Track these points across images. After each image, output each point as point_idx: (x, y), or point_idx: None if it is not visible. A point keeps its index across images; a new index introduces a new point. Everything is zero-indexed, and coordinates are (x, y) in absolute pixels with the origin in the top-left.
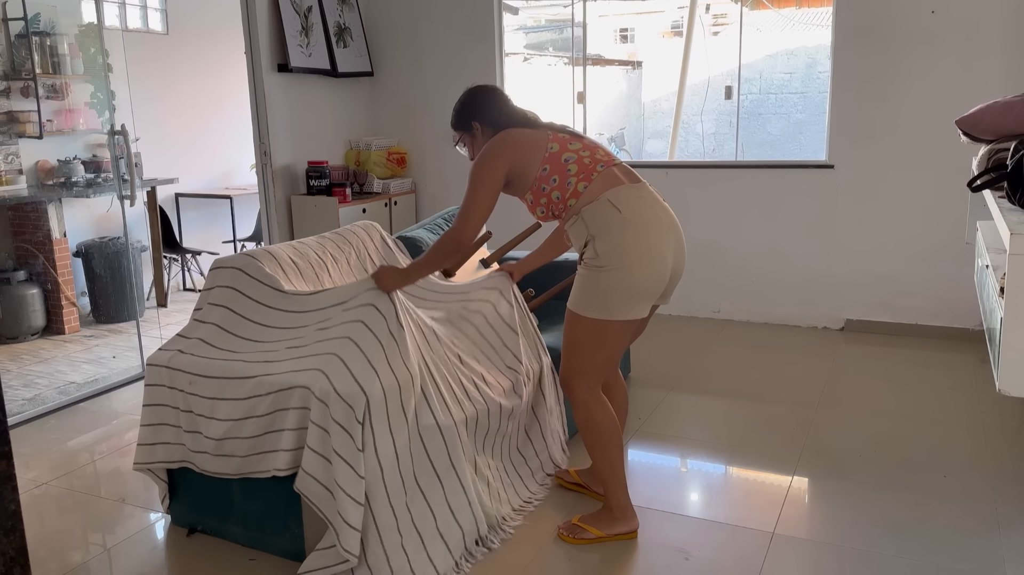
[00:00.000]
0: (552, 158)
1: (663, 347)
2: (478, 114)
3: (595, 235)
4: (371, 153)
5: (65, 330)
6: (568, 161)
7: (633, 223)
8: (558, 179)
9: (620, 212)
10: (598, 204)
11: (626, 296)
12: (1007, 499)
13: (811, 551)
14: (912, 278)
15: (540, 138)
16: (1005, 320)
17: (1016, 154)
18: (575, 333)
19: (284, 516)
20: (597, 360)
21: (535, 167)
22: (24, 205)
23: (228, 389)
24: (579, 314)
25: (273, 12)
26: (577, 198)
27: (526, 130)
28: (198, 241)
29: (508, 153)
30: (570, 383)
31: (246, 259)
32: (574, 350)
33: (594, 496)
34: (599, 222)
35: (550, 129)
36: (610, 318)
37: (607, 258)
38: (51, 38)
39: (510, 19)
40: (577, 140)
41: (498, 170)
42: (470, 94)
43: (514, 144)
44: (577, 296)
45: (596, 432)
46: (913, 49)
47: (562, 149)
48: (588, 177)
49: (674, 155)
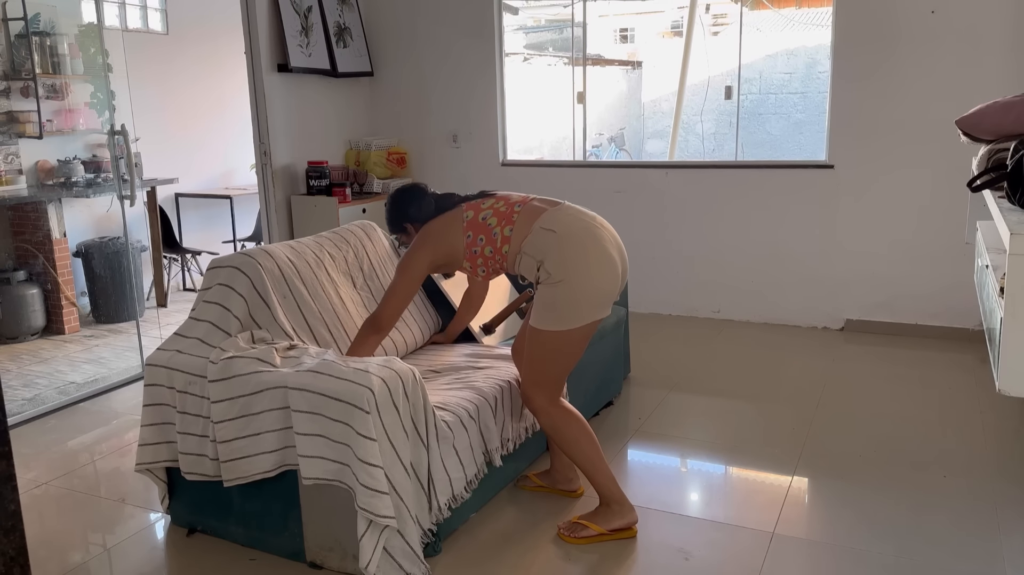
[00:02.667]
0: (471, 224)
1: (663, 347)
2: (405, 216)
3: (542, 259)
4: (371, 153)
5: (65, 330)
6: (486, 219)
7: (568, 236)
8: (484, 237)
9: (555, 232)
10: (533, 235)
11: (583, 301)
12: (1007, 499)
13: (811, 551)
14: (912, 278)
15: (454, 217)
16: (1005, 320)
17: (1016, 154)
18: (537, 348)
19: (284, 516)
20: (556, 370)
21: (459, 241)
22: (24, 205)
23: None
24: (541, 329)
25: (273, 12)
26: (509, 243)
27: (441, 217)
28: (198, 241)
29: (428, 246)
30: (530, 394)
31: (244, 258)
32: (536, 363)
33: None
34: (541, 248)
35: (464, 201)
36: (570, 327)
37: (559, 272)
38: (51, 38)
39: (510, 19)
40: (488, 198)
41: (420, 262)
42: (392, 200)
43: (432, 236)
44: (538, 313)
45: (563, 433)
46: (913, 49)
47: (476, 212)
48: (510, 220)
49: (674, 155)
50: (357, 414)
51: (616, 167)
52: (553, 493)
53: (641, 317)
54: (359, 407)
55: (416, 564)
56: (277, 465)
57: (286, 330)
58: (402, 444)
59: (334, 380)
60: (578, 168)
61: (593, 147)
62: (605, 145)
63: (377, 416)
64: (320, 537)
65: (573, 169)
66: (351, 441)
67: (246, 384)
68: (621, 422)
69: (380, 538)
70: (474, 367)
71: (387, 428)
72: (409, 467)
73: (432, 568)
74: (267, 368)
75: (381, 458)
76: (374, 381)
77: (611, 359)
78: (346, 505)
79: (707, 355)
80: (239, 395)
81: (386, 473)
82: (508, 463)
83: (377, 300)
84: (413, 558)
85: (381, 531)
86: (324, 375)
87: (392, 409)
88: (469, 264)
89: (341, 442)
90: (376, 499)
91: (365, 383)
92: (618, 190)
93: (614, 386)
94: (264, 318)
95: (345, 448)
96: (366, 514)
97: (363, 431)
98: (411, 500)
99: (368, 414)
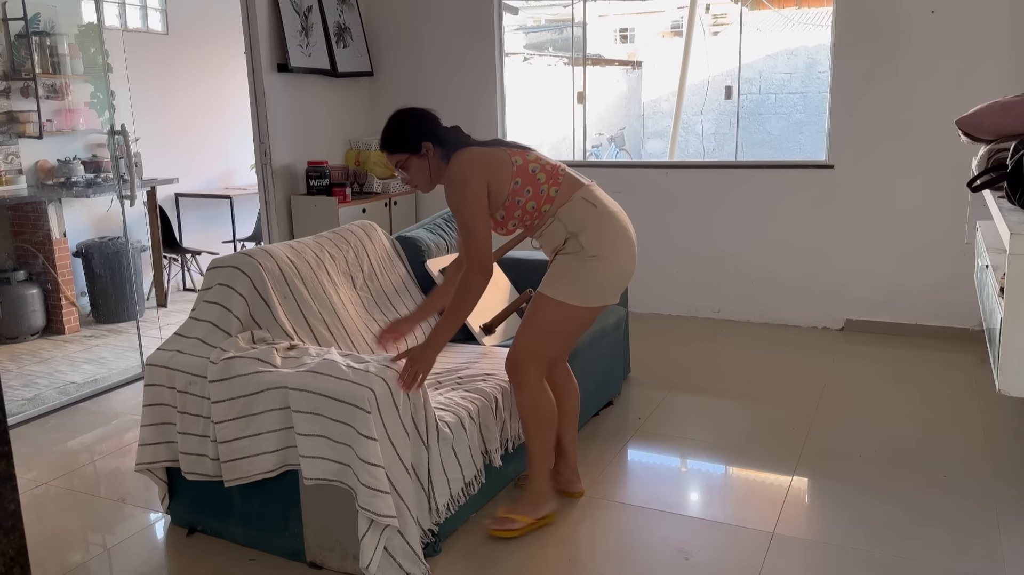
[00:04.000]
0: (520, 171)
1: (663, 347)
2: (428, 133)
3: (577, 231)
4: (371, 153)
5: (65, 330)
6: (535, 171)
7: (609, 215)
8: (531, 189)
9: (596, 207)
10: (573, 203)
11: (610, 282)
12: (1007, 499)
13: (811, 551)
14: (912, 278)
15: (501, 156)
16: (1005, 320)
17: (1016, 154)
18: (544, 317)
19: (284, 516)
20: (556, 345)
21: (507, 182)
22: (24, 205)
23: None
24: (556, 299)
25: (273, 12)
26: (551, 203)
27: (484, 149)
28: (198, 241)
29: (484, 171)
30: (522, 366)
31: (244, 258)
32: (538, 333)
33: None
34: (579, 219)
35: (500, 144)
36: (589, 304)
37: (595, 247)
38: (51, 38)
39: (510, 19)
40: (530, 151)
41: (482, 189)
42: (413, 114)
43: (485, 162)
44: (557, 284)
45: (539, 415)
46: (913, 49)
47: (525, 161)
48: (557, 182)
49: (674, 155)
50: (358, 414)
51: (616, 167)
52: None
53: (641, 317)
54: (360, 407)
55: (416, 564)
56: (278, 465)
57: (286, 330)
58: (402, 444)
59: (335, 380)
60: (578, 168)
61: (593, 147)
62: (605, 145)
63: (378, 416)
64: (320, 537)
65: (573, 169)
66: (352, 441)
67: (247, 384)
68: (621, 422)
69: (381, 538)
70: (474, 368)
71: (388, 428)
72: (410, 467)
73: (432, 568)
74: (268, 368)
75: (382, 458)
76: (375, 381)
77: (611, 359)
78: (346, 505)
79: (707, 355)
80: (240, 395)
81: (387, 473)
82: (508, 463)
83: (377, 300)
84: (413, 558)
85: (382, 531)
86: (325, 375)
87: (393, 409)
88: (504, 213)
89: (342, 442)
90: (378, 499)
91: (366, 383)
92: (618, 190)
93: (614, 386)
94: (264, 318)
95: (346, 448)
96: (367, 514)
97: (364, 431)
98: (411, 500)
99: (369, 414)
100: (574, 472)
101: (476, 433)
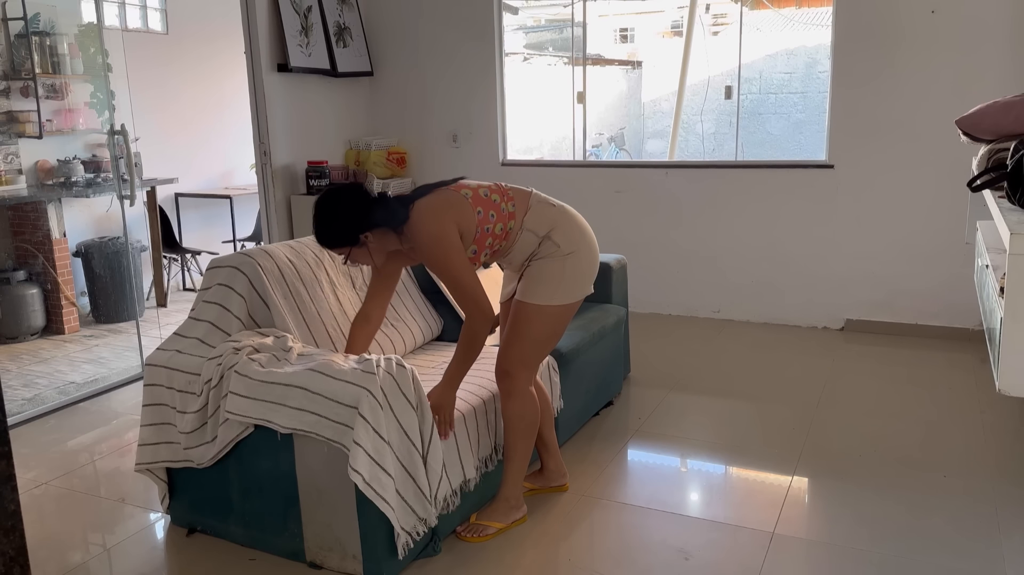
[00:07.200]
0: (476, 200)
1: (663, 347)
2: (361, 222)
3: (549, 232)
4: (371, 153)
5: (65, 330)
6: (487, 195)
7: (567, 212)
8: (494, 213)
9: (554, 207)
10: (534, 210)
11: (588, 272)
12: (1007, 499)
13: (811, 551)
14: (912, 278)
15: (451, 195)
16: (1005, 320)
17: (1016, 154)
18: (535, 327)
19: (284, 516)
20: (545, 350)
21: (472, 216)
22: (24, 205)
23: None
24: (544, 305)
25: (273, 12)
26: (513, 218)
27: (432, 196)
28: (198, 241)
29: (451, 218)
30: (515, 374)
31: (243, 258)
32: (530, 343)
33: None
34: (547, 221)
35: (439, 186)
36: (572, 300)
37: (569, 244)
38: (51, 38)
39: (510, 19)
40: (467, 179)
41: (455, 238)
42: (338, 209)
43: (446, 208)
44: (539, 289)
45: (526, 423)
46: (913, 49)
47: (473, 190)
48: (509, 197)
49: (674, 155)
50: (357, 415)
51: (616, 167)
52: (544, 492)
53: (641, 317)
54: (359, 408)
55: (427, 509)
56: (290, 424)
57: (286, 330)
58: (400, 444)
59: (333, 381)
60: (578, 168)
61: (593, 147)
62: (605, 145)
63: (377, 416)
64: (320, 537)
65: (573, 169)
66: (349, 442)
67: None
68: (621, 422)
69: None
70: (473, 368)
71: (386, 428)
72: (408, 467)
73: (432, 568)
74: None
75: (381, 459)
76: (373, 381)
77: (611, 359)
78: (346, 505)
79: (707, 355)
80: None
81: (384, 469)
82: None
83: None
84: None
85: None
86: (324, 375)
87: (391, 410)
88: (476, 247)
89: (339, 442)
90: (377, 471)
91: (364, 384)
92: (618, 190)
93: (614, 386)
94: (264, 318)
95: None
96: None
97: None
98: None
99: (367, 415)
100: (560, 464)
101: (475, 432)
